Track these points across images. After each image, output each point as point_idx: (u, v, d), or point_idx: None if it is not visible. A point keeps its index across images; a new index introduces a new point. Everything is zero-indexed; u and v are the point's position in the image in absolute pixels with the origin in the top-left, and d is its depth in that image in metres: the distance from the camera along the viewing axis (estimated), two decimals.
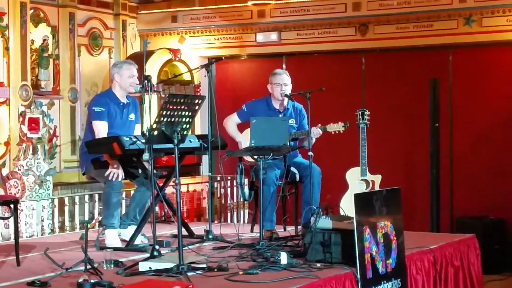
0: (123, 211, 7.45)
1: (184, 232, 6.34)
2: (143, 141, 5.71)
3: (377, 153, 9.09)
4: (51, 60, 10.66)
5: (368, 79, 10.92)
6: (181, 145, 5.63)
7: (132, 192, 6.95)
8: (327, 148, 8.43)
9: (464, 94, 10.36)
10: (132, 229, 6.47)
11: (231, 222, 9.34)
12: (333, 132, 7.01)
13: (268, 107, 7.07)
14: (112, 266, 5.40)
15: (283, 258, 5.35)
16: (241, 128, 7.17)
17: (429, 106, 9.68)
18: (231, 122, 7.17)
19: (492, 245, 9.17)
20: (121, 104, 6.61)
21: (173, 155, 5.44)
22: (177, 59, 11.30)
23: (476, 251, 6.69)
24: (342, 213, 6.06)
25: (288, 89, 7.00)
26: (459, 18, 10.06)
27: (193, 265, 5.25)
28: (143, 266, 5.24)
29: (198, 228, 7.04)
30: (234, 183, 9.79)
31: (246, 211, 10.24)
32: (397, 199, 5.62)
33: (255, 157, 6.26)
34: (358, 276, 5.07)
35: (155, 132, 5.52)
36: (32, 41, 10.35)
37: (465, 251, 6.53)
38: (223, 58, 8.17)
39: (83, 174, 6.83)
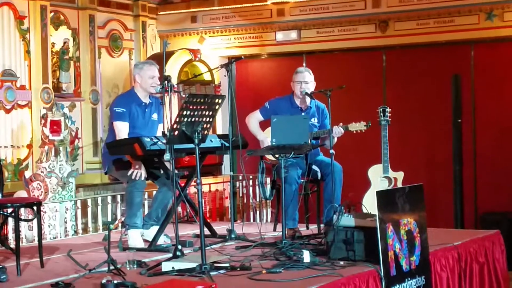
0: (145, 212, 7.46)
1: (207, 231, 6.34)
2: (164, 141, 5.71)
3: (399, 150, 9.04)
4: (71, 62, 10.71)
5: (389, 76, 10.87)
6: (202, 145, 5.62)
7: (154, 192, 6.96)
8: (349, 146, 8.38)
9: (486, 89, 10.29)
10: (154, 229, 6.47)
11: (254, 221, 9.32)
12: (354, 132, 6.97)
13: (291, 105, 7.02)
14: (135, 266, 5.41)
15: (306, 256, 5.34)
16: (263, 126, 7.14)
17: (451, 102, 9.63)
18: (253, 119, 7.11)
19: None
20: (143, 104, 6.61)
21: (194, 155, 5.44)
22: (197, 59, 11.33)
23: (501, 247, 6.63)
24: (364, 210, 6.03)
25: (308, 87, 6.94)
26: (480, 13, 9.99)
27: (216, 264, 5.24)
28: (166, 266, 5.24)
29: (220, 228, 7.03)
30: (256, 182, 9.78)
31: (269, 210, 10.22)
32: (420, 196, 5.58)
33: (276, 155, 6.24)
34: (382, 274, 5.04)
35: (176, 132, 5.51)
36: (53, 44, 10.42)
37: (490, 247, 6.47)
38: (243, 57, 8.13)
39: (105, 173, 6.84)
